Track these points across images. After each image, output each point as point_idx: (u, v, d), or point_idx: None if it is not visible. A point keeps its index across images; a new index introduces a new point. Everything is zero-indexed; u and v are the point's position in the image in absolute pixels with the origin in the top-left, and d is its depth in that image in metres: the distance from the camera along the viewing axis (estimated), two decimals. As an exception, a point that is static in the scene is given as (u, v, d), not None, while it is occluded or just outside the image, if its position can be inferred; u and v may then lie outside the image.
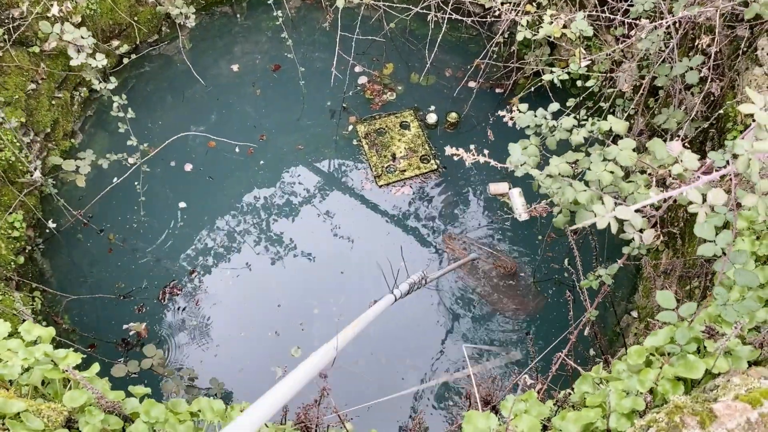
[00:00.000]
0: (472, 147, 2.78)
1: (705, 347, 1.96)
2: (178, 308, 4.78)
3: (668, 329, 2.03)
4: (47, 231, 4.93)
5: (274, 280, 4.93)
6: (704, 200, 1.80)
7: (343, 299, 4.81)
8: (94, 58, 4.35)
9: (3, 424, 1.46)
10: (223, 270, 4.95)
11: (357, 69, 5.77)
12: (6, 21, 4.62)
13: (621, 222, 1.92)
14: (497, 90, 5.75)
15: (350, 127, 5.64)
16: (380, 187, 5.34)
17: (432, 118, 5.60)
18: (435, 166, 5.42)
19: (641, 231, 1.94)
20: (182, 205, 5.23)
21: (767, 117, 1.66)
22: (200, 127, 5.50)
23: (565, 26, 3.52)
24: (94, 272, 4.93)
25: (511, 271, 4.92)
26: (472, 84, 5.66)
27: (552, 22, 3.51)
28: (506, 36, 5.18)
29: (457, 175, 5.41)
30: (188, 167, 5.38)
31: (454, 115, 5.57)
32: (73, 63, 4.46)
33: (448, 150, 2.74)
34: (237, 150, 5.46)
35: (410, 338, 4.71)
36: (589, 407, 1.99)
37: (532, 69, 5.43)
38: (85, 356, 1.94)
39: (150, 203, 5.12)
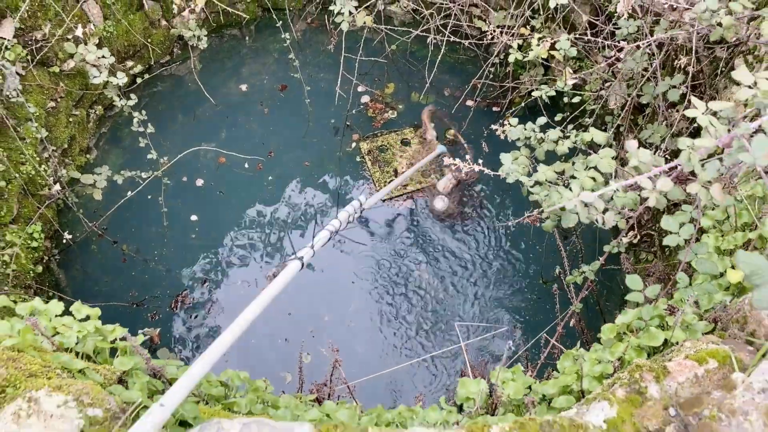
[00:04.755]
0: (468, 157, 3.03)
1: (667, 323, 2.20)
2: (191, 316, 4.98)
3: (637, 310, 2.27)
4: (63, 242, 5.15)
5: (284, 289, 5.13)
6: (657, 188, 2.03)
7: (352, 307, 5.02)
8: (115, 77, 4.60)
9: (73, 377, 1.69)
10: (233, 280, 5.16)
11: (360, 89, 6.05)
12: (30, 43, 4.89)
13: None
14: (494, 108, 6.03)
15: (353, 144, 5.90)
16: (383, 201, 5.57)
17: (431, 135, 5.86)
18: (436, 180, 5.66)
19: (604, 212, 2.19)
20: (194, 218, 5.45)
21: (707, 120, 1.93)
22: (211, 144, 5.75)
23: (553, 47, 3.78)
24: (108, 281, 5.14)
25: (471, 179, 5.28)
26: (469, 103, 5.94)
27: (539, 44, 3.77)
28: (501, 57, 5.47)
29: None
30: (199, 182, 5.62)
31: (452, 132, 5.84)
32: (95, 81, 4.71)
33: (447, 160, 2.98)
34: (246, 166, 5.70)
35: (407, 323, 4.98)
36: (567, 375, 2.23)
37: (527, 89, 5.70)
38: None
39: (160, 216, 5.34)
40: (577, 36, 4.47)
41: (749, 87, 1.97)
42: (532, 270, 5.15)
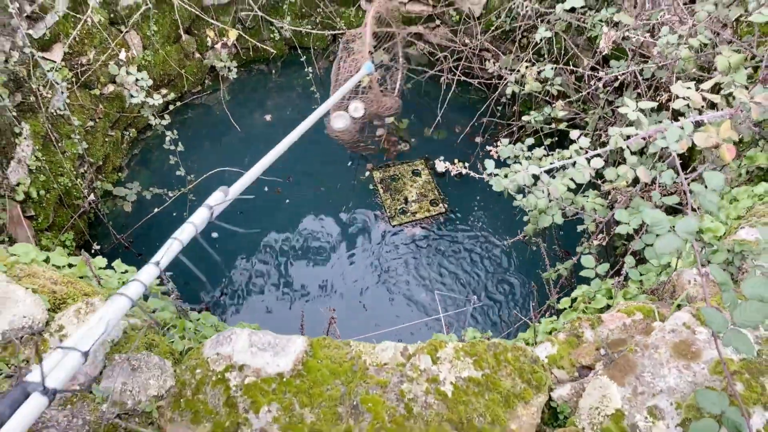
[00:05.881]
0: (459, 163, 3.36)
1: (613, 294, 2.50)
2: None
3: (588, 287, 2.59)
4: (92, 252, 5.50)
5: (299, 308, 5.42)
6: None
7: (362, 329, 5.30)
8: (152, 98, 5.03)
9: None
10: (248, 295, 5.47)
11: (376, 122, 6.45)
12: (75, 66, 5.36)
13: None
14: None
15: (367, 173, 6.26)
16: (393, 226, 5.90)
17: (441, 167, 6.21)
18: (443, 209, 5.99)
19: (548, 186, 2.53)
20: (214, 235, 5.80)
21: (635, 115, 2.30)
22: (234, 168, 6.13)
23: (546, 80, 4.15)
24: (131, 291, 5.46)
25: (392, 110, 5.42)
26: (478, 139, 6.31)
27: (526, 71, 4.15)
28: (508, 97, 5.85)
29: (465, 218, 5.98)
30: (221, 202, 5.98)
31: (461, 164, 6.18)
32: (133, 101, 5.15)
33: (439, 165, 3.33)
34: (266, 189, 6.08)
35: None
36: (526, 334, 2.53)
37: (533, 127, 6.07)
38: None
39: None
40: (577, 77, 4.84)
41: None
42: (515, 266, 5.50)
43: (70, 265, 2.55)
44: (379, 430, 1.75)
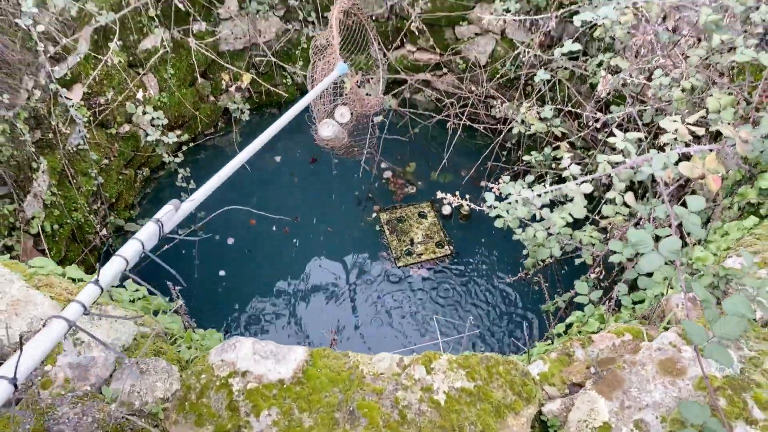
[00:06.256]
0: (460, 196, 3.46)
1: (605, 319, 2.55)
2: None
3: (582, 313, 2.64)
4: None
5: (302, 344, 5.47)
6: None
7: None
8: (166, 136, 5.20)
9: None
10: (254, 333, 5.51)
11: (383, 165, 6.59)
12: (93, 105, 5.56)
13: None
14: (507, 190, 6.49)
15: (374, 215, 6.36)
16: (399, 267, 5.96)
17: (447, 210, 6.32)
18: (449, 251, 6.06)
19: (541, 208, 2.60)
20: (222, 273, 5.88)
21: (623, 144, 2.40)
22: (244, 207, 6.26)
23: (547, 120, 4.27)
24: (138, 326, 5.52)
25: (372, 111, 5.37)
26: (483, 183, 6.41)
27: (527, 112, 4.29)
28: (513, 143, 5.98)
29: (469, 260, 6.04)
30: (230, 241, 6.10)
31: (466, 208, 6.27)
32: (149, 138, 5.32)
33: (448, 199, 3.44)
34: (274, 228, 6.19)
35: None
36: (521, 356, 2.57)
37: (537, 172, 6.18)
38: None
39: (194, 268, 5.79)
40: (580, 122, 4.97)
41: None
42: (517, 302, 5.60)
43: (84, 280, 2.68)
44: (374, 434, 1.80)
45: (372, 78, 5.97)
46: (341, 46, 5.49)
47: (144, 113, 5.49)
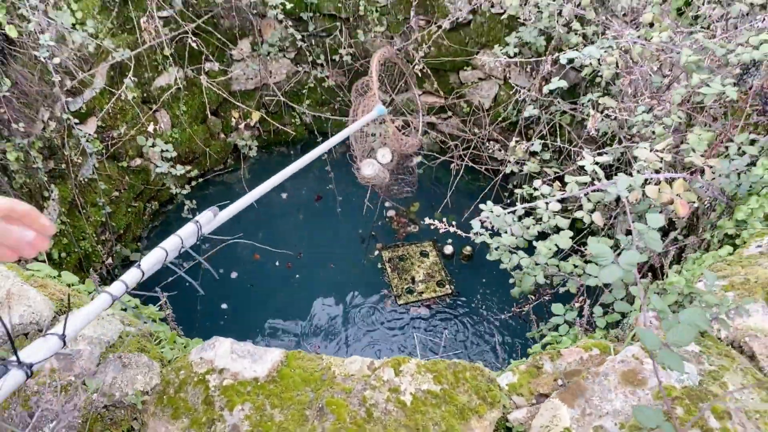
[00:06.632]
0: (450, 225, 3.54)
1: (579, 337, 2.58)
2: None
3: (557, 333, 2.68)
4: (105, 316, 5.68)
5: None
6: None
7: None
8: (175, 168, 5.36)
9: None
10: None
11: (387, 204, 6.70)
12: (106, 139, 5.75)
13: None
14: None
15: (376, 252, 6.44)
16: (399, 305, 6.00)
17: (449, 249, 6.38)
18: (450, 290, 6.09)
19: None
20: (224, 306, 5.95)
21: (592, 168, 2.47)
22: (249, 242, 6.38)
23: (537, 155, 4.36)
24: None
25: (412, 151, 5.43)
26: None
27: (516, 146, 4.39)
28: (515, 184, 6.07)
29: (470, 299, 6.07)
30: (234, 275, 6.19)
31: (468, 248, 6.34)
32: (159, 170, 5.48)
33: (428, 221, 3.53)
34: (277, 264, 6.27)
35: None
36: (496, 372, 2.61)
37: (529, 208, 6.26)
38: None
39: (196, 300, 5.87)
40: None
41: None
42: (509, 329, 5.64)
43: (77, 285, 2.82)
44: (340, 430, 1.90)
45: (413, 122, 6.20)
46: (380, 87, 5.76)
47: (153, 145, 5.67)
